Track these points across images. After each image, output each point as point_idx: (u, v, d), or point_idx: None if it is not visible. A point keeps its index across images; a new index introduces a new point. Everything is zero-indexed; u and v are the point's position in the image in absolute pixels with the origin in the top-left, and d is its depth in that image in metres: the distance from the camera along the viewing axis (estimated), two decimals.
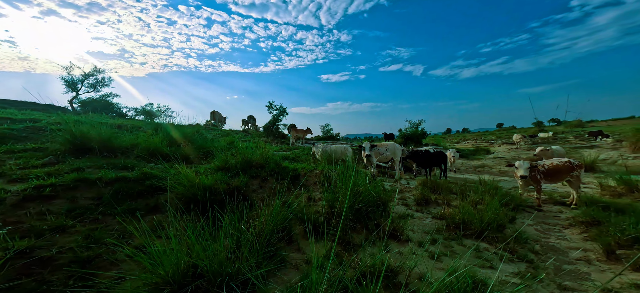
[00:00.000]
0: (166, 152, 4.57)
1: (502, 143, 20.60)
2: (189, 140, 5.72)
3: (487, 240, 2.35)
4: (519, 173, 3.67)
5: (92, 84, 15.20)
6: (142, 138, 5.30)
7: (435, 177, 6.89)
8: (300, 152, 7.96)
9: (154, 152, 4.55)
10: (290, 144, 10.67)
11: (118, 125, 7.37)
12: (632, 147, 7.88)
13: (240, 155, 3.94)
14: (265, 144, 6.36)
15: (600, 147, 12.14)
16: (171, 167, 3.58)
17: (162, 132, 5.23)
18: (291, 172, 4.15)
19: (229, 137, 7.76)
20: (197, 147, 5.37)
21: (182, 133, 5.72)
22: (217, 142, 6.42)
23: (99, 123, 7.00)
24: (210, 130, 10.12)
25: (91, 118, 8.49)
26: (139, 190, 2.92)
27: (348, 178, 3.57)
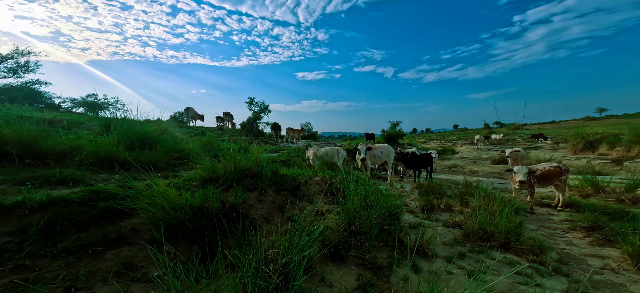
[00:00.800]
0: (125, 157, 3.60)
1: (463, 143, 22.98)
2: (155, 141, 4.70)
3: (514, 251, 2.27)
4: (517, 178, 3.83)
5: (12, 69, 11.87)
6: (87, 139, 4.14)
7: (421, 179, 7.09)
8: (290, 154, 7.37)
9: (106, 159, 3.53)
10: (284, 143, 10.34)
11: (49, 120, 5.75)
12: (573, 149, 9.35)
13: (231, 161, 3.27)
14: (251, 146, 5.64)
15: (543, 148, 14.39)
16: (135, 178, 2.74)
17: (117, 130, 4.14)
18: (291, 180, 3.64)
19: (205, 137, 6.74)
20: (168, 150, 4.43)
21: (144, 131, 4.67)
22: (192, 143, 5.45)
23: (18, 117, 5.37)
24: (178, 128, 8.75)
25: (7, 110, 6.56)
26: (90, 216, 2.09)
27: (358, 186, 3.25)
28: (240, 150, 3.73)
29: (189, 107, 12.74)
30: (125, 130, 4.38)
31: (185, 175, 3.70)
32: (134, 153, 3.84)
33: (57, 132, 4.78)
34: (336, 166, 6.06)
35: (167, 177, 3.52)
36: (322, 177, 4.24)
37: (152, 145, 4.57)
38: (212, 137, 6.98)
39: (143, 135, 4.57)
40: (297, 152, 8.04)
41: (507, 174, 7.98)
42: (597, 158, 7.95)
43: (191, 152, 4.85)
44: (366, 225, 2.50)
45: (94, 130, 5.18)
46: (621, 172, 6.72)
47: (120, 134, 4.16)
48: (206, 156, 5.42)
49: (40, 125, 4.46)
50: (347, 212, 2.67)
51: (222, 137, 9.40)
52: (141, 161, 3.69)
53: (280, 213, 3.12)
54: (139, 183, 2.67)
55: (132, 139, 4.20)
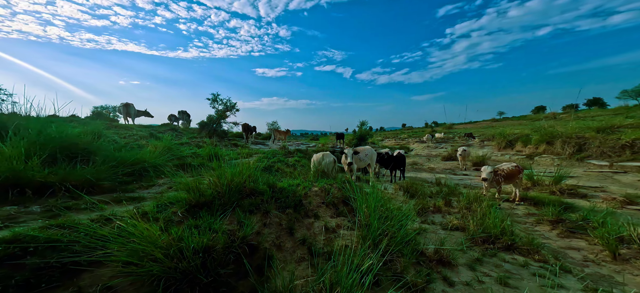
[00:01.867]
0: (42, 177, 2.44)
1: (414, 141, 26.13)
2: (89, 149, 3.45)
3: (519, 251, 2.53)
4: (482, 176, 4.43)
5: None
6: None
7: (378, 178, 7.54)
8: (270, 158, 6.63)
9: (9, 182, 2.31)
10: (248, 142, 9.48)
11: None
12: (498, 146, 11.72)
13: (221, 177, 2.59)
14: (221, 150, 4.79)
15: (473, 145, 17.71)
16: (71, 208, 1.83)
17: (21, 135, 2.83)
18: (293, 195, 3.18)
19: (159, 141, 5.35)
20: (113, 162, 3.28)
21: (68, 136, 3.37)
22: (146, 151, 4.21)
23: None
24: (113, 130, 6.73)
25: None
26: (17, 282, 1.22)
27: (366, 196, 3.08)
28: (214, 158, 3.06)
29: (129, 103, 10.15)
30: (35, 135, 3.03)
31: (148, 197, 2.79)
32: (59, 169, 2.66)
33: None
34: (326, 173, 5.80)
35: (120, 201, 2.57)
36: (321, 186, 3.92)
37: (86, 156, 3.32)
38: (167, 140, 5.65)
39: (68, 142, 3.28)
40: (273, 156, 7.39)
41: (459, 169, 9.51)
42: (515, 154, 10.27)
43: (148, 162, 3.76)
44: (397, 243, 2.36)
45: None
46: (533, 165, 8.89)
47: (28, 141, 2.84)
48: (171, 167, 4.31)
49: None
50: (368, 228, 2.47)
51: (180, 140, 7.82)
52: (74, 181, 2.59)
53: (290, 235, 2.67)
54: (81, 216, 1.79)
55: (49, 148, 2.92)
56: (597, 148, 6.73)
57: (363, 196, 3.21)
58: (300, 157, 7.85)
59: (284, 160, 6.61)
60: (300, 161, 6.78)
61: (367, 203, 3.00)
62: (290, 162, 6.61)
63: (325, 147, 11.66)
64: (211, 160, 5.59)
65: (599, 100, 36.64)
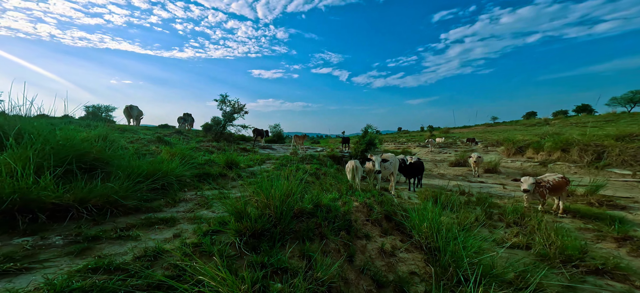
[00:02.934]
0: (55, 198, 2.00)
1: (416, 145, 26.13)
2: (102, 158, 3.00)
3: (612, 276, 2.27)
4: (522, 187, 4.20)
5: None
6: None
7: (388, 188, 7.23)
8: (288, 165, 6.21)
9: (19, 205, 1.87)
10: (260, 148, 9.18)
11: None
12: (507, 152, 11.70)
13: (272, 198, 2.21)
14: (237, 155, 4.41)
15: (477, 151, 17.79)
16: (97, 238, 1.44)
17: (30, 142, 2.39)
18: (342, 215, 2.83)
19: (174, 147, 4.87)
20: (132, 174, 2.84)
21: (79, 142, 2.92)
22: (160, 158, 3.73)
23: None
24: (117, 133, 6.16)
25: None
26: None
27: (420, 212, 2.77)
28: (232, 166, 2.68)
29: (132, 105, 9.56)
30: (41, 143, 2.58)
31: (181, 219, 2.38)
32: (75, 186, 2.22)
33: None
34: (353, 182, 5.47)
35: (151, 224, 2.16)
36: (362, 201, 3.58)
37: (100, 167, 2.87)
38: (181, 146, 5.17)
39: (78, 151, 2.83)
40: (289, 163, 6.99)
41: (472, 176, 9.33)
42: (526, 161, 10.27)
43: (171, 173, 3.32)
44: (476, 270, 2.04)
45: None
46: (546, 172, 8.87)
47: (37, 150, 2.39)
48: (190, 178, 3.87)
49: None
50: (431, 251, 2.15)
51: (189, 144, 7.31)
52: (93, 200, 2.16)
53: (350, 263, 2.31)
54: (117, 248, 1.39)
55: (59, 158, 2.48)
56: (617, 157, 6.71)
57: (419, 213, 2.90)
58: (318, 163, 7.49)
59: (302, 167, 6.22)
60: (321, 169, 6.41)
61: (428, 220, 2.69)
62: (309, 169, 6.24)
63: (335, 152, 11.33)
64: (230, 167, 5.18)
65: (587, 106, 38.03)
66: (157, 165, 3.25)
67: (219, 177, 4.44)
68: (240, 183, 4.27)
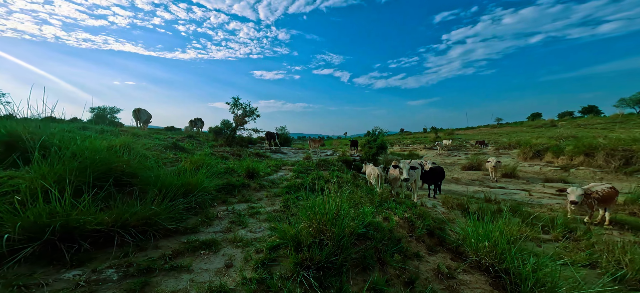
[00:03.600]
0: (96, 223, 1.83)
1: (422, 148, 25.79)
2: (130, 171, 2.84)
3: None
4: (570, 199, 3.95)
5: None
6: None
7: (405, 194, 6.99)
8: (306, 172, 6.00)
9: (63, 233, 1.70)
10: (268, 150, 9.08)
11: None
12: (523, 156, 11.41)
13: (329, 223, 2.01)
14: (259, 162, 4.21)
15: (487, 153, 17.46)
16: (149, 270, 1.26)
17: (58, 155, 2.23)
18: (387, 232, 2.63)
19: (195, 155, 4.68)
20: (162, 189, 2.65)
21: (104, 156, 2.76)
22: (192, 174, 3.54)
23: None
24: (134, 137, 6.00)
25: None
26: None
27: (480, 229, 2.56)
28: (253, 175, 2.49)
29: (140, 108, 9.44)
30: (70, 157, 2.41)
31: (223, 242, 2.19)
32: (116, 209, 2.05)
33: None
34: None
35: (195, 249, 1.98)
36: (401, 216, 3.37)
37: (128, 181, 2.70)
38: (202, 154, 4.98)
39: (109, 165, 2.66)
40: (306, 169, 6.80)
41: (490, 180, 9.01)
42: (546, 165, 9.99)
43: (200, 188, 3.14)
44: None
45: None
46: (570, 177, 8.58)
47: (70, 168, 2.23)
48: (215, 190, 3.69)
49: None
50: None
51: (203, 149, 7.15)
52: (132, 222, 1.99)
53: (411, 290, 2.11)
54: (176, 282, 1.21)
55: (88, 174, 2.31)
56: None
57: (474, 230, 2.69)
58: (335, 170, 7.28)
59: (325, 177, 6.01)
60: (343, 177, 6.21)
61: (488, 238, 2.47)
62: (329, 177, 6.03)
63: (347, 155, 11.11)
64: (251, 177, 4.99)
65: (593, 107, 37.47)
66: (186, 179, 3.07)
67: (242, 188, 4.26)
68: (265, 195, 4.09)
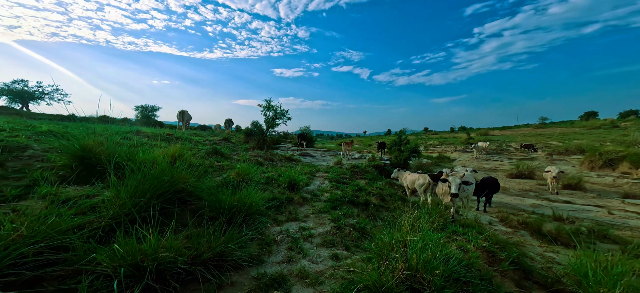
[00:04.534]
0: (180, 258, 1.75)
1: (453, 150, 23.84)
2: (192, 191, 2.81)
3: None
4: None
5: None
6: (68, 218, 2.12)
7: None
8: (343, 183, 5.71)
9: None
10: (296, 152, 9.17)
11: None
12: (589, 165, 9.76)
13: (425, 265, 1.70)
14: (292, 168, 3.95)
15: (537, 159, 15.41)
16: None
17: (128, 179, 2.22)
18: (475, 270, 2.23)
19: (239, 165, 4.68)
20: (212, 204, 2.58)
21: (164, 172, 2.74)
22: (243, 190, 3.48)
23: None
24: (180, 141, 6.32)
25: None
26: None
27: None
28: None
29: (185, 111, 10.08)
30: (141, 178, 2.40)
31: (290, 278, 2.00)
32: (193, 239, 1.97)
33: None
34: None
35: (267, 288, 1.80)
36: (479, 245, 2.91)
37: (189, 200, 2.66)
38: (244, 166, 4.95)
39: (177, 185, 2.64)
40: (341, 178, 6.51)
41: (547, 192, 7.69)
42: (621, 177, 8.39)
43: (254, 207, 3.02)
44: None
45: (55, 163, 2.89)
46: None
47: (135, 188, 2.20)
48: (272, 211, 3.59)
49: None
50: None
51: (239, 154, 7.28)
52: (209, 254, 1.88)
53: None
54: None
55: (157, 193, 2.27)
56: None
57: (593, 270, 2.15)
58: (370, 179, 6.90)
59: (365, 188, 5.64)
60: (385, 189, 5.81)
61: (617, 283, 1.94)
62: (369, 188, 5.67)
63: (377, 160, 10.57)
64: (292, 188, 4.87)
65: None
66: (242, 198, 2.97)
67: (286, 202, 4.13)
68: (311, 212, 3.91)
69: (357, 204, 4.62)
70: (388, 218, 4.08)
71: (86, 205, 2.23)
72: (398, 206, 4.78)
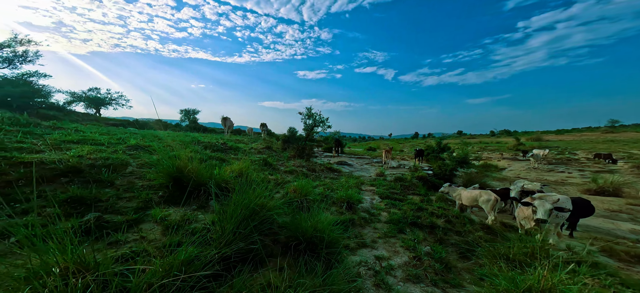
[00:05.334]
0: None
1: (500, 157, 21.14)
2: (273, 216, 2.79)
3: None
4: None
5: (7, 59, 9.67)
6: None
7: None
8: (399, 201, 5.31)
9: None
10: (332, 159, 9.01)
11: (72, 165, 3.63)
12: None
13: None
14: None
15: (617, 171, 12.77)
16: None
17: (225, 206, 2.28)
18: None
19: (297, 181, 4.71)
20: (290, 230, 2.49)
21: (256, 198, 2.73)
22: (316, 214, 3.45)
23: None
24: (232, 152, 6.71)
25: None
26: None
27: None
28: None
29: (227, 117, 10.78)
30: (243, 207, 2.44)
31: None
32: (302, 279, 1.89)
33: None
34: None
35: None
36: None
37: (268, 225, 2.64)
38: (302, 182, 4.91)
39: (268, 212, 2.65)
40: (390, 193, 6.14)
41: (636, 210, 6.15)
42: None
43: (331, 235, 2.89)
44: None
45: (152, 182, 3.17)
46: None
47: (234, 217, 2.22)
48: (344, 237, 3.48)
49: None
50: None
51: (284, 164, 7.41)
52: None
53: None
54: None
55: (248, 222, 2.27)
56: None
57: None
58: (425, 195, 6.39)
59: (424, 206, 5.19)
60: (449, 209, 5.30)
61: None
62: (434, 209, 5.19)
63: (420, 170, 9.84)
64: (350, 207, 4.73)
65: None
66: (316, 225, 2.89)
67: (350, 224, 3.98)
68: (377, 237, 3.69)
69: (421, 226, 4.26)
70: (460, 243, 3.67)
71: (188, 229, 2.35)
72: (469, 230, 4.28)
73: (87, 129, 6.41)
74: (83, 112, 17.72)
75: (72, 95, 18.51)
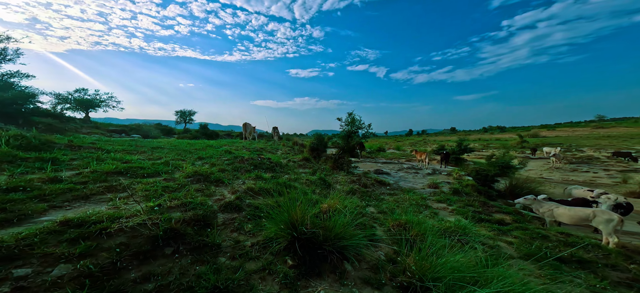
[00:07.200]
0: None
1: (517, 154, 21.04)
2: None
3: None
4: None
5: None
6: None
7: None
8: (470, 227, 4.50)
9: None
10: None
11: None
12: None
13: None
14: None
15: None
16: None
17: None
18: None
19: (346, 201, 3.82)
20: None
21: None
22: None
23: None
24: (256, 157, 5.69)
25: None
26: None
27: None
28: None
29: (247, 123, 9.73)
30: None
31: None
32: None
33: None
34: None
35: None
36: None
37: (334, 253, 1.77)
38: (353, 202, 4.02)
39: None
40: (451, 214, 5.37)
41: None
42: None
43: None
44: None
45: (266, 242, 2.17)
46: None
47: None
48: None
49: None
50: None
51: (327, 172, 6.48)
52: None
53: None
54: None
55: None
56: None
57: None
58: (518, 218, 5.68)
59: (535, 228, 4.42)
60: (569, 233, 4.59)
61: None
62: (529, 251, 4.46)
63: (468, 181, 9.22)
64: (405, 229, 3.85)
65: None
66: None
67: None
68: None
69: (573, 262, 3.49)
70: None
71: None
72: (622, 263, 3.58)
73: (110, 145, 5.17)
74: (80, 118, 15.80)
75: (57, 97, 16.49)
